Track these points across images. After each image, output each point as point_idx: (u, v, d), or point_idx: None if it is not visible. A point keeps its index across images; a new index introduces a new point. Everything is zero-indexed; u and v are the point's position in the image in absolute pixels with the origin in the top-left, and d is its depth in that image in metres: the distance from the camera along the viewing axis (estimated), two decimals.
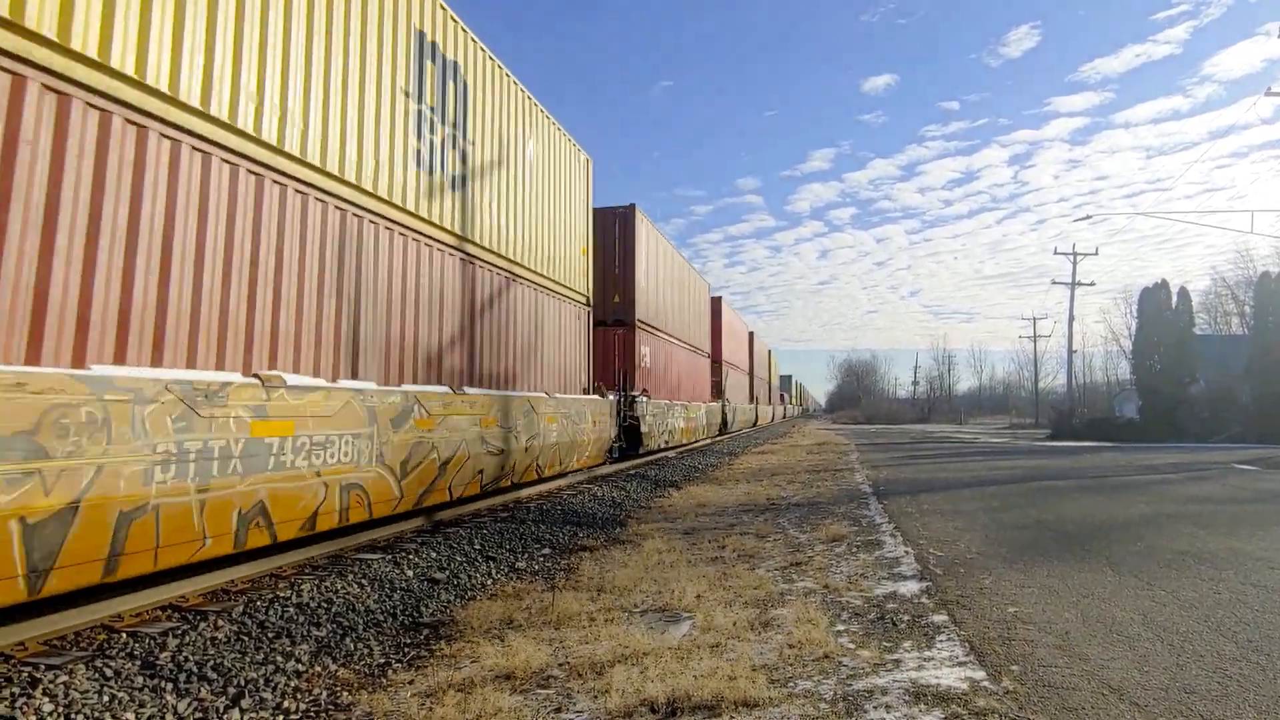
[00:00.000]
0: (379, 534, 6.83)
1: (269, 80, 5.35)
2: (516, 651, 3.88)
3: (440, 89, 7.65)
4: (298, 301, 5.58)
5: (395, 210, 6.82)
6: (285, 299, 5.45)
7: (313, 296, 5.74)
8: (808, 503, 9.84)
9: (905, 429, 48.28)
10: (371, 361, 6.45)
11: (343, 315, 6.10)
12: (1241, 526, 7.56)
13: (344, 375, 6.07)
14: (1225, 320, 49.29)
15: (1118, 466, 15.56)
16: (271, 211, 5.36)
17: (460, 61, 8.12)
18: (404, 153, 6.97)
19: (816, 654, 3.84)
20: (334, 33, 6.03)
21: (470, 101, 8.34)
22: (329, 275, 5.93)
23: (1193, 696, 3.26)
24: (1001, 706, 3.14)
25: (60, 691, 3.29)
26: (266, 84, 5.32)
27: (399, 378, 6.82)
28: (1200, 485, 11.74)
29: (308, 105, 5.73)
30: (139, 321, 4.31)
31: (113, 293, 4.17)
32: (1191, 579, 5.38)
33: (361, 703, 3.41)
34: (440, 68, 7.67)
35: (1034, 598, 4.92)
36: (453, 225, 7.85)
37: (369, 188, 6.41)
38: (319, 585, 5.14)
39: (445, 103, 7.75)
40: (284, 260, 5.45)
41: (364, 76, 6.39)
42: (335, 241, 6.03)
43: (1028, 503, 9.62)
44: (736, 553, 6.49)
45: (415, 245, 7.14)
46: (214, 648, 3.96)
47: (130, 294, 4.25)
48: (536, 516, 8.40)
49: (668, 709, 3.17)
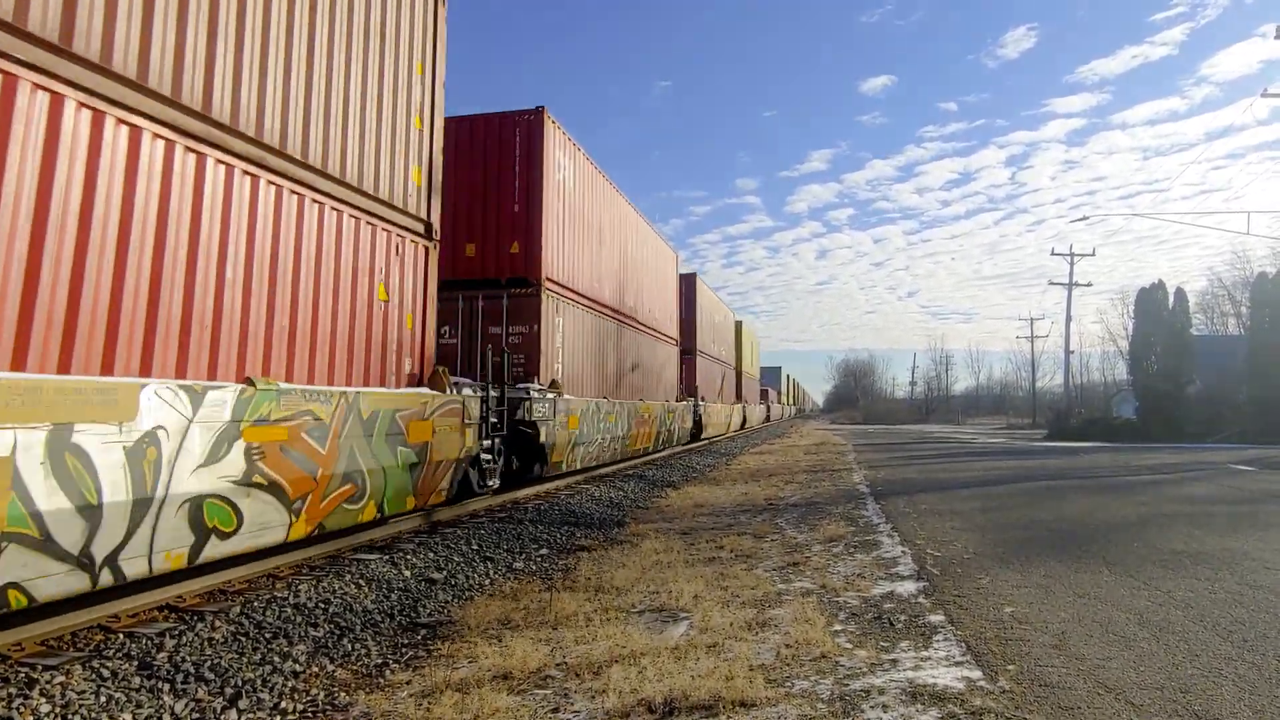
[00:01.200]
0: (377, 534, 6.83)
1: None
2: (514, 651, 3.88)
3: None
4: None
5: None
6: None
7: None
8: (805, 503, 9.85)
9: (903, 429, 48.33)
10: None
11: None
12: (1238, 527, 7.58)
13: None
14: (1222, 321, 49.43)
15: (1114, 467, 15.60)
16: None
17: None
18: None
19: (814, 654, 3.84)
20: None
21: None
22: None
23: (1188, 695, 3.27)
24: (998, 706, 3.14)
25: (57, 692, 3.29)
26: None
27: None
28: (1196, 486, 11.77)
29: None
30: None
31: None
32: (1187, 579, 5.39)
33: (359, 703, 3.42)
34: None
35: (1030, 598, 4.93)
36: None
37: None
38: (316, 585, 5.14)
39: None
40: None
41: None
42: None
43: (1024, 503, 9.64)
44: (734, 553, 6.49)
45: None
46: (211, 648, 3.96)
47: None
48: (534, 517, 8.40)
49: (665, 709, 3.17)
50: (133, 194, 4.34)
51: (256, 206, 5.28)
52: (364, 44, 6.58)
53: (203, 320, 4.79)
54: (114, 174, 4.24)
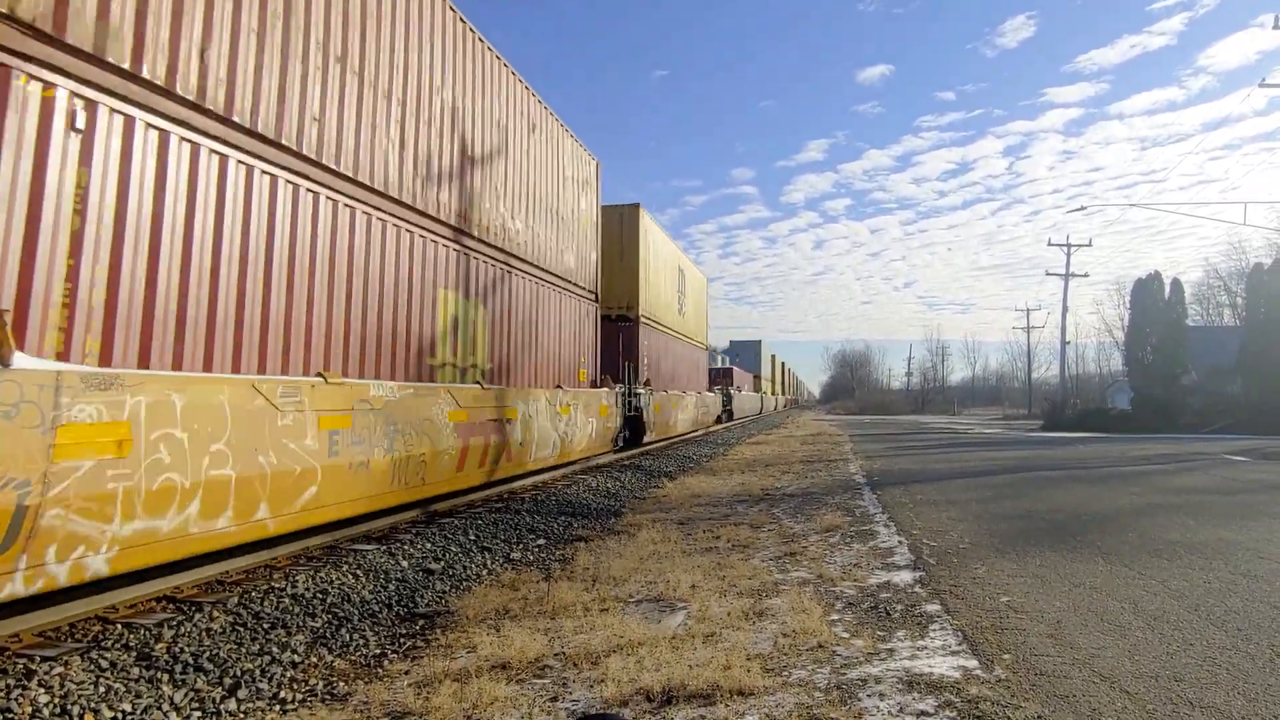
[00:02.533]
0: (374, 525, 6.83)
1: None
2: (512, 641, 3.89)
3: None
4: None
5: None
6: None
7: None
8: (802, 493, 9.88)
9: (899, 420, 48.44)
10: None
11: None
12: (1232, 517, 7.62)
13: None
14: (1218, 312, 49.63)
15: (1109, 457, 15.66)
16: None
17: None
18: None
19: (811, 643, 3.86)
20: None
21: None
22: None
23: (1182, 684, 3.29)
24: (994, 694, 3.16)
25: (56, 683, 3.29)
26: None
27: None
28: (1191, 476, 11.82)
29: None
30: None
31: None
32: (1182, 568, 5.42)
33: (358, 693, 3.43)
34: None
35: (1026, 587, 4.95)
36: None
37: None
38: (314, 576, 5.14)
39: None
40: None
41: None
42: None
43: (1020, 493, 9.68)
44: (731, 543, 6.51)
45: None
46: (210, 639, 3.96)
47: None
48: (531, 507, 8.42)
49: (663, 698, 3.19)
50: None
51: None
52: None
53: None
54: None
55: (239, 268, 5.08)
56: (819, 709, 3.06)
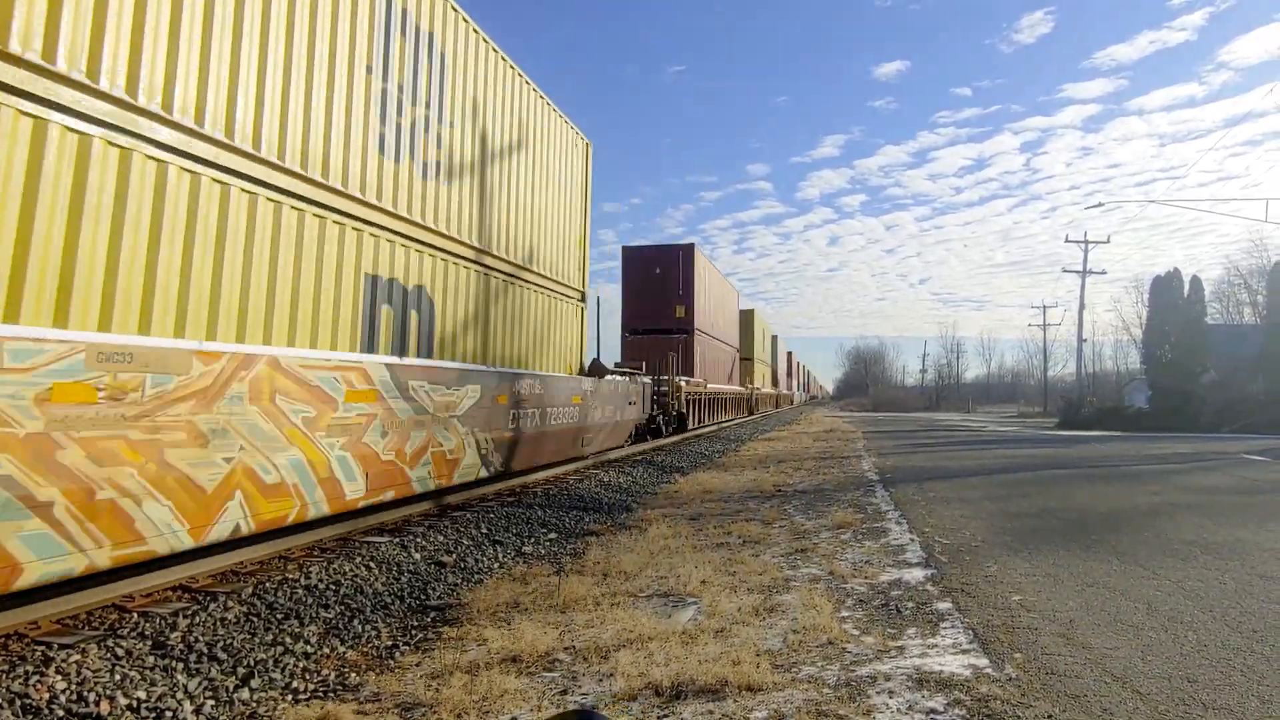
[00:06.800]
0: (387, 517, 6.88)
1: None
2: (523, 634, 3.91)
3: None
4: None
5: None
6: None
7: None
8: (814, 489, 9.85)
9: (913, 417, 48.19)
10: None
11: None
12: (1249, 517, 7.54)
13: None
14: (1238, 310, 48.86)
15: (1126, 456, 15.51)
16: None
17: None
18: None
19: (821, 640, 3.86)
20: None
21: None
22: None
23: (1195, 685, 3.26)
24: (1004, 693, 3.15)
25: (73, 670, 3.34)
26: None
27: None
28: (1208, 475, 11.69)
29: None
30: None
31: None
32: (1197, 569, 5.37)
33: (370, 683, 3.46)
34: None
35: (1038, 586, 4.92)
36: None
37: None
38: (327, 568, 5.19)
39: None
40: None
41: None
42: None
43: (1034, 491, 9.61)
44: (742, 539, 6.51)
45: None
46: (224, 628, 4.01)
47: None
48: (542, 501, 8.45)
49: (672, 692, 3.20)
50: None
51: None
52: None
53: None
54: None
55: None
56: (828, 705, 3.06)
